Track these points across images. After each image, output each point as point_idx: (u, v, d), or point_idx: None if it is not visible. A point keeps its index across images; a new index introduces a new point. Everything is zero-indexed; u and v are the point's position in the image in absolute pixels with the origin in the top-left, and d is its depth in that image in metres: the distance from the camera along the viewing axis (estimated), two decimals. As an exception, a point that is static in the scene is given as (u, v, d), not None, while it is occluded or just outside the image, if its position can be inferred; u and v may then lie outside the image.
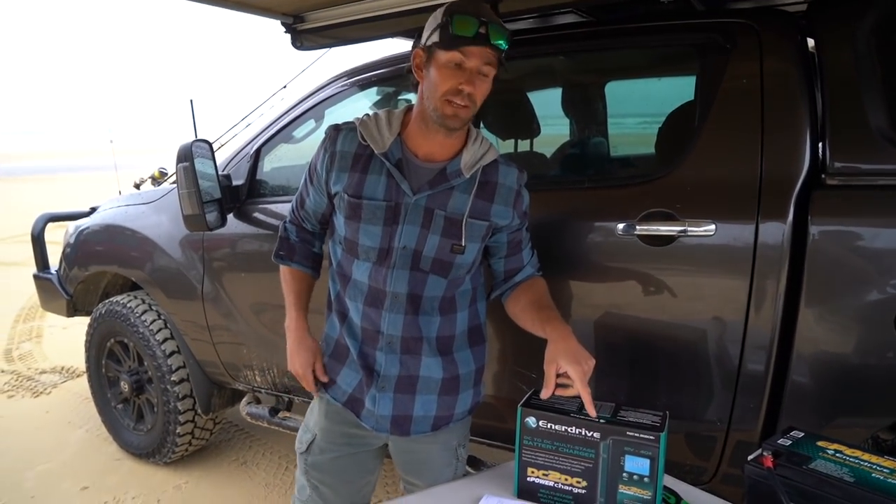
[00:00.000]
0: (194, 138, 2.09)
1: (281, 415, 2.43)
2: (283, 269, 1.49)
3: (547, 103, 2.47)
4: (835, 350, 1.34)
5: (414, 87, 1.30)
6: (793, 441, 1.05)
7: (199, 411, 2.60)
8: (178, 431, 2.60)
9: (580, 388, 1.15)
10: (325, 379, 1.41)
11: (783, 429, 1.11)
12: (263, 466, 2.77)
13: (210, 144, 2.14)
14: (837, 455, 0.99)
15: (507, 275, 1.42)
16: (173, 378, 2.54)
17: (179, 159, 1.99)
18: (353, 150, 1.31)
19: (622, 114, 2.70)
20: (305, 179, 1.42)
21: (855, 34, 1.38)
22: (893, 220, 1.28)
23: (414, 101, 1.32)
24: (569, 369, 1.16)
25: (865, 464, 0.96)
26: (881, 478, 0.92)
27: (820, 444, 1.04)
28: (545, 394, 1.18)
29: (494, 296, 1.44)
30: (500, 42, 1.20)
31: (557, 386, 1.19)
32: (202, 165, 2.09)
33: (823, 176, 1.36)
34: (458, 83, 1.19)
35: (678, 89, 1.85)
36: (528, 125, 2.38)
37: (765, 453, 1.00)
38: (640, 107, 2.53)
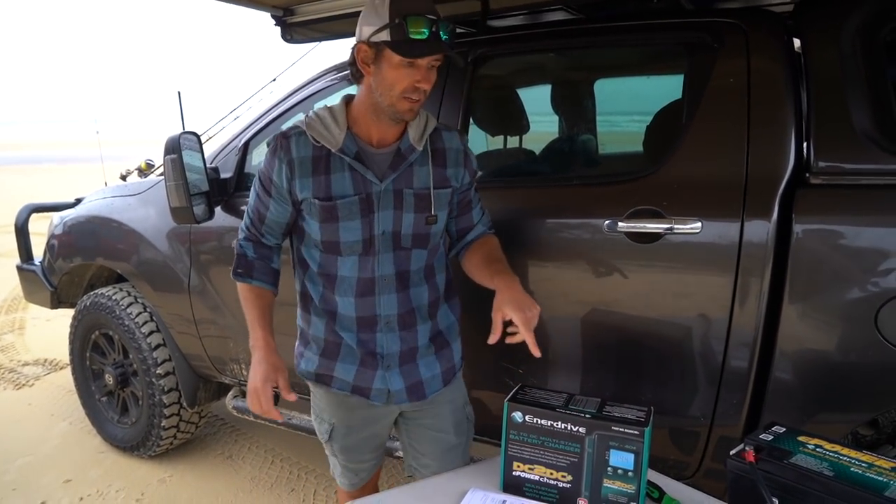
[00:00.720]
0: (182, 130, 2.07)
1: (267, 409, 2.42)
2: (242, 287, 1.45)
3: (537, 100, 2.48)
4: (817, 347, 1.36)
5: (356, 80, 1.32)
6: (774, 436, 1.07)
7: (185, 405, 2.59)
8: (163, 425, 2.58)
9: (524, 333, 1.22)
10: (291, 397, 1.34)
11: (765, 424, 1.13)
12: (249, 460, 2.76)
13: (198, 136, 2.13)
14: (818, 450, 1.01)
15: (459, 234, 1.49)
16: (159, 371, 2.52)
17: (167, 151, 1.98)
18: (309, 154, 1.31)
19: (611, 111, 2.72)
20: (258, 193, 1.39)
21: (840, 35, 1.40)
22: (875, 219, 1.30)
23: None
24: (513, 316, 1.22)
25: (845, 458, 0.98)
26: (860, 472, 0.94)
27: (801, 439, 1.05)
28: (492, 339, 1.25)
29: (451, 255, 1.51)
30: (448, 37, 1.22)
31: (507, 334, 1.26)
32: (190, 158, 2.07)
33: (808, 175, 1.38)
34: (414, 81, 1.23)
35: (666, 88, 1.87)
36: (517, 122, 2.38)
37: (747, 448, 1.02)
38: (629, 105, 2.55)
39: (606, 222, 1.52)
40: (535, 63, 2.28)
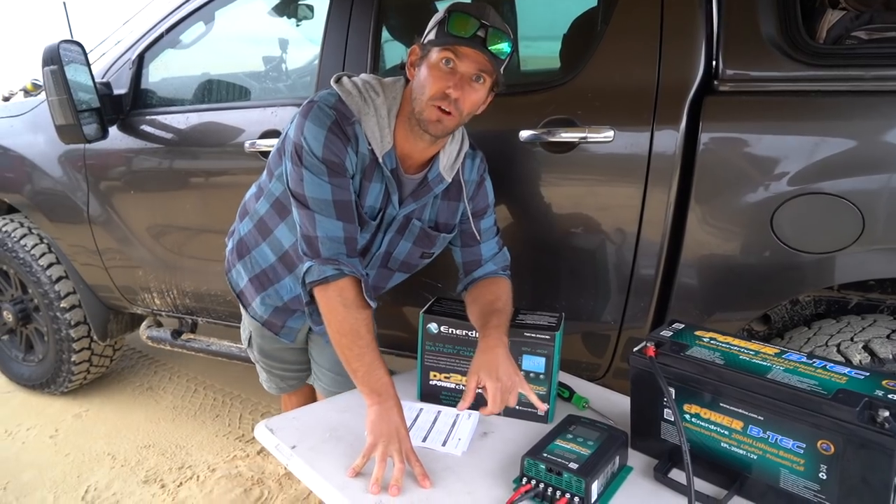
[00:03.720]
0: (62, 39, 1.87)
1: (184, 336, 2.35)
2: (363, 316, 1.18)
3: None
4: (718, 251, 1.41)
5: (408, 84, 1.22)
6: (674, 332, 1.12)
7: (96, 338, 2.47)
8: (73, 360, 2.47)
9: (490, 405, 1.10)
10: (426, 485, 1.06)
11: (667, 322, 1.18)
12: (171, 390, 2.71)
13: (82, 47, 1.93)
14: (712, 342, 1.07)
15: (465, 268, 1.41)
16: (63, 305, 2.39)
17: (45, 62, 1.79)
18: (367, 152, 1.21)
19: (530, 22, 2.65)
20: (333, 185, 1.16)
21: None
22: (777, 126, 1.34)
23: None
24: (486, 384, 1.10)
25: (735, 348, 1.04)
26: (747, 359, 1.00)
27: (697, 333, 1.11)
28: (460, 406, 1.12)
29: (458, 290, 1.41)
30: (500, 48, 1.11)
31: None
32: (75, 72, 1.89)
33: (716, 82, 1.39)
34: (445, 86, 1.12)
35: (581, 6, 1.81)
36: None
37: (648, 344, 1.06)
38: (549, 16, 2.49)
39: (524, 133, 1.50)
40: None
